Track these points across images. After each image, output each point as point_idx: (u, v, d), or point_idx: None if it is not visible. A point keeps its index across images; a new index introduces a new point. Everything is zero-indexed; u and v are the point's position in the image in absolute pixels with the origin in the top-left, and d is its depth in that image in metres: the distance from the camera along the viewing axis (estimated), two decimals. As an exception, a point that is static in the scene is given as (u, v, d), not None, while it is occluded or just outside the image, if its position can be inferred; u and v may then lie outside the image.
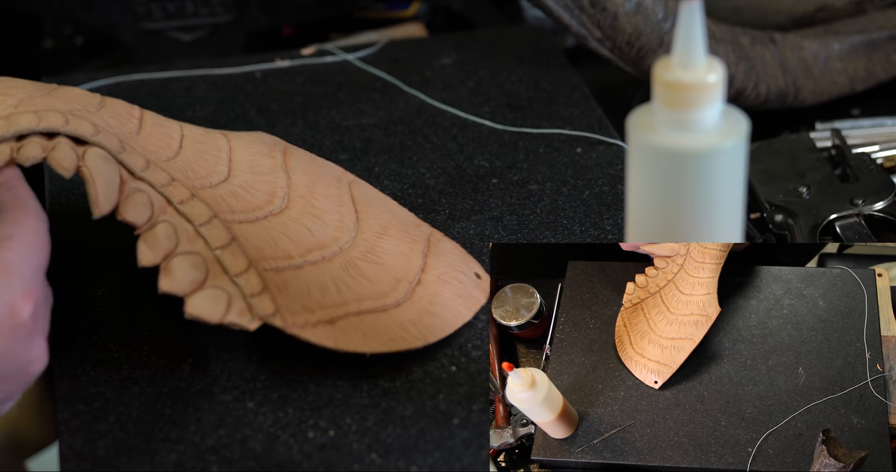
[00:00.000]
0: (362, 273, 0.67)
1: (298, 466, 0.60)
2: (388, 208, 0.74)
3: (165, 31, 1.11)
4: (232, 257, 0.64)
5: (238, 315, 0.63)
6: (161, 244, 0.63)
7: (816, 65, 0.91)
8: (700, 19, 0.52)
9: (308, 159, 0.74)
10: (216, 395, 0.65)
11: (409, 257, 0.70)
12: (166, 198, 0.65)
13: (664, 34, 0.87)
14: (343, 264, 0.67)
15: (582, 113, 0.89)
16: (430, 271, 0.69)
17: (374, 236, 0.70)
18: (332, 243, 0.68)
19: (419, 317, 0.66)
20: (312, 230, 0.68)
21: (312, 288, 0.65)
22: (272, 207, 0.68)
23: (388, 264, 0.68)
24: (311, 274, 0.66)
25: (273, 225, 0.68)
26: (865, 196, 0.79)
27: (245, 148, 0.72)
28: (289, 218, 0.68)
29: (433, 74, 0.96)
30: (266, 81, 0.96)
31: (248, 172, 0.70)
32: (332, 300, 0.65)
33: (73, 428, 0.63)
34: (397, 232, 0.71)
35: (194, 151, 0.70)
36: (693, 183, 0.54)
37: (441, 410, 0.63)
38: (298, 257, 0.67)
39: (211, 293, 0.63)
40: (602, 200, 0.79)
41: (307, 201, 0.70)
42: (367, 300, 0.66)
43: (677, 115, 0.53)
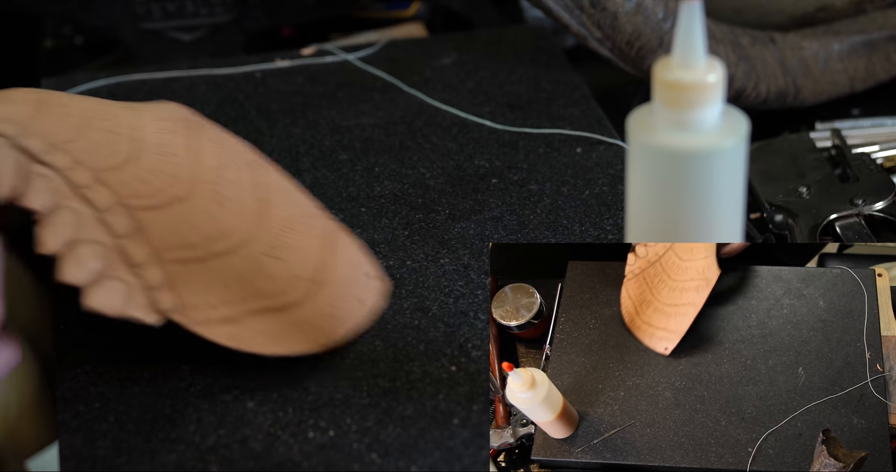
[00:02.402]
0: (265, 269, 0.65)
1: (298, 466, 0.60)
2: (292, 197, 0.71)
3: (165, 31, 1.11)
4: (135, 247, 0.62)
5: (137, 308, 0.61)
6: (63, 231, 0.61)
7: (816, 65, 0.91)
8: (700, 19, 0.52)
9: (218, 138, 0.71)
10: (216, 395, 0.65)
11: (310, 254, 0.67)
12: (69, 182, 0.63)
13: (664, 34, 0.87)
14: (246, 258, 0.65)
15: (582, 113, 0.89)
16: (329, 269, 0.67)
17: (279, 230, 0.67)
18: (234, 234, 0.66)
19: (318, 319, 0.65)
20: (217, 220, 0.66)
21: (215, 282, 0.64)
22: (178, 193, 0.66)
23: (289, 260, 0.66)
24: (214, 267, 0.65)
25: (178, 213, 0.65)
26: (865, 196, 0.78)
27: (152, 125, 0.69)
28: (194, 205, 0.66)
29: (433, 74, 0.96)
30: (266, 81, 0.96)
31: (155, 153, 0.67)
32: (234, 296, 0.64)
33: (73, 428, 0.63)
34: (301, 225, 0.69)
35: (99, 130, 0.67)
36: (693, 183, 0.54)
37: (441, 410, 0.63)
38: (202, 247, 0.65)
39: (111, 285, 0.61)
40: (602, 200, 0.79)
41: (213, 187, 0.67)
42: (269, 298, 0.65)
43: (677, 115, 0.53)
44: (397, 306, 0.70)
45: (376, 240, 0.76)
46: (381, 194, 0.81)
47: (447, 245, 0.75)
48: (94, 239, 0.62)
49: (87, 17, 1.12)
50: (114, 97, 0.92)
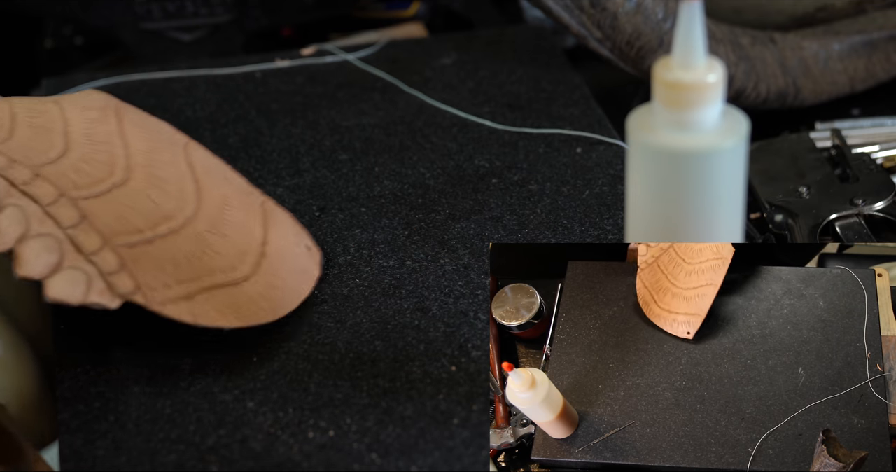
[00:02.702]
0: (211, 246, 0.67)
1: (298, 466, 0.60)
2: (223, 174, 0.73)
3: (165, 31, 1.11)
4: (85, 236, 0.63)
5: (99, 295, 0.62)
6: (12, 229, 0.62)
7: (816, 65, 0.91)
8: (700, 19, 0.52)
9: (142, 120, 0.73)
10: (216, 395, 0.65)
11: (250, 229, 0.70)
12: (9, 181, 0.64)
13: (664, 34, 0.87)
14: (191, 237, 0.67)
15: (582, 113, 0.89)
16: (270, 242, 0.70)
17: (217, 208, 0.70)
18: (177, 214, 0.68)
19: (267, 291, 0.67)
20: (157, 202, 0.68)
21: (166, 263, 0.65)
22: (115, 179, 0.68)
23: (232, 236, 0.69)
24: (162, 248, 0.66)
25: (118, 198, 0.67)
26: (865, 196, 0.78)
27: (79, 116, 0.71)
28: (133, 190, 0.68)
29: (433, 74, 0.96)
30: (266, 81, 0.96)
31: (86, 143, 0.69)
32: (186, 275, 0.65)
33: (73, 428, 0.63)
34: (237, 202, 0.71)
35: (28, 127, 0.68)
36: (693, 183, 0.54)
37: (441, 410, 0.63)
38: (148, 230, 0.66)
39: (69, 275, 0.62)
40: (602, 200, 0.79)
41: (148, 171, 0.69)
42: (219, 274, 0.67)
43: (677, 115, 0.53)
44: (397, 306, 0.70)
45: (376, 240, 0.76)
46: (381, 194, 0.81)
47: (447, 245, 0.75)
48: (44, 232, 0.63)
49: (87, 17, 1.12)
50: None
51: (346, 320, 0.69)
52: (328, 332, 0.69)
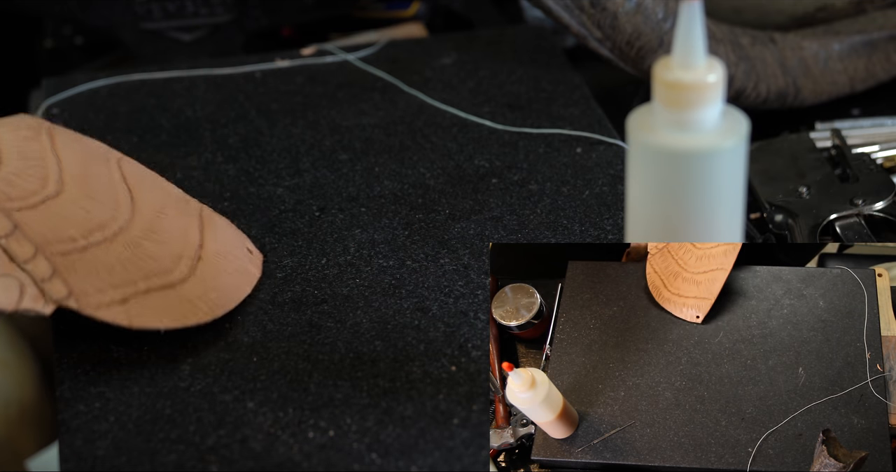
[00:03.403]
0: (146, 252, 0.69)
1: (298, 466, 0.60)
2: (158, 185, 0.76)
3: (165, 31, 1.11)
4: (17, 245, 0.65)
5: (32, 301, 0.64)
6: None
7: (816, 65, 0.91)
8: (700, 19, 0.52)
9: (74, 139, 0.75)
10: (216, 395, 0.65)
11: (186, 233, 0.72)
12: None
13: (664, 34, 0.87)
14: (125, 243, 0.69)
15: (582, 113, 0.89)
16: (207, 246, 0.71)
17: (152, 215, 0.72)
18: (111, 223, 0.69)
19: (204, 292, 0.69)
20: (90, 211, 0.69)
21: (100, 269, 0.67)
22: (48, 192, 0.69)
23: (168, 242, 0.70)
24: (96, 255, 0.67)
25: (52, 209, 0.68)
26: (865, 196, 0.79)
27: (10, 134, 0.73)
28: (66, 200, 0.69)
29: (433, 74, 0.96)
30: (266, 81, 0.96)
31: (19, 159, 0.71)
32: (121, 279, 0.67)
33: (73, 428, 0.63)
34: (172, 210, 0.73)
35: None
36: (693, 183, 0.54)
37: (441, 410, 0.63)
38: (81, 238, 0.68)
39: (2, 282, 0.63)
40: (602, 200, 0.79)
41: (81, 183, 0.71)
42: (154, 277, 0.68)
43: (677, 115, 0.53)
44: (397, 306, 0.70)
45: (376, 240, 0.76)
46: (381, 194, 0.81)
47: (447, 245, 0.75)
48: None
49: (87, 17, 1.12)
50: (114, 97, 0.93)
51: (346, 320, 0.69)
52: (328, 332, 0.69)
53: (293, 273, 0.73)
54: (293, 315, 0.70)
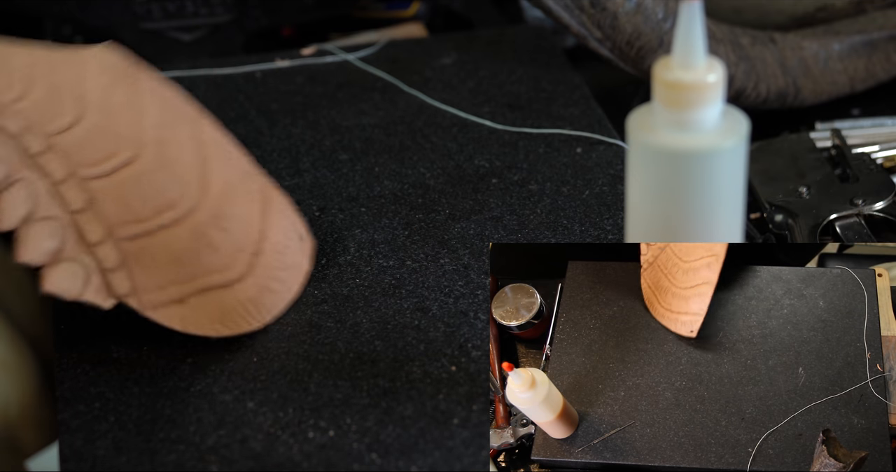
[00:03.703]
0: (210, 242, 0.63)
1: (298, 466, 0.60)
2: (231, 156, 0.68)
3: (165, 31, 1.11)
4: (90, 225, 0.60)
5: (95, 293, 0.60)
6: (18, 207, 0.58)
7: (816, 65, 0.91)
8: (700, 19, 0.52)
9: (157, 88, 0.68)
10: (216, 395, 0.65)
11: (249, 222, 0.65)
12: (22, 150, 0.59)
13: (664, 34, 0.87)
14: (192, 229, 0.63)
15: (582, 113, 0.89)
16: (268, 238, 0.65)
17: (220, 197, 0.65)
18: (180, 203, 0.63)
19: (259, 294, 0.64)
20: (162, 187, 0.63)
21: (165, 260, 0.62)
22: (123, 157, 0.63)
23: (232, 230, 0.64)
24: (163, 241, 0.62)
25: (125, 180, 0.62)
26: (865, 196, 0.79)
27: (97, 78, 0.65)
28: (139, 171, 0.63)
29: (433, 74, 0.96)
30: (266, 81, 0.96)
31: (101, 112, 0.63)
32: (183, 275, 0.62)
33: (73, 428, 0.63)
34: (240, 189, 0.66)
35: (43, 86, 0.63)
36: (693, 183, 0.54)
37: (441, 410, 0.63)
38: (151, 219, 0.62)
39: (69, 268, 0.59)
40: (602, 200, 0.79)
41: (158, 149, 0.64)
42: (214, 274, 0.63)
43: (677, 115, 0.53)
44: (397, 306, 0.70)
45: (376, 240, 0.76)
46: (381, 194, 0.81)
47: (447, 245, 0.75)
48: (49, 215, 0.59)
49: (86, 17, 1.12)
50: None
51: (346, 320, 0.69)
52: (328, 332, 0.69)
53: (293, 273, 0.73)
54: (293, 315, 0.70)
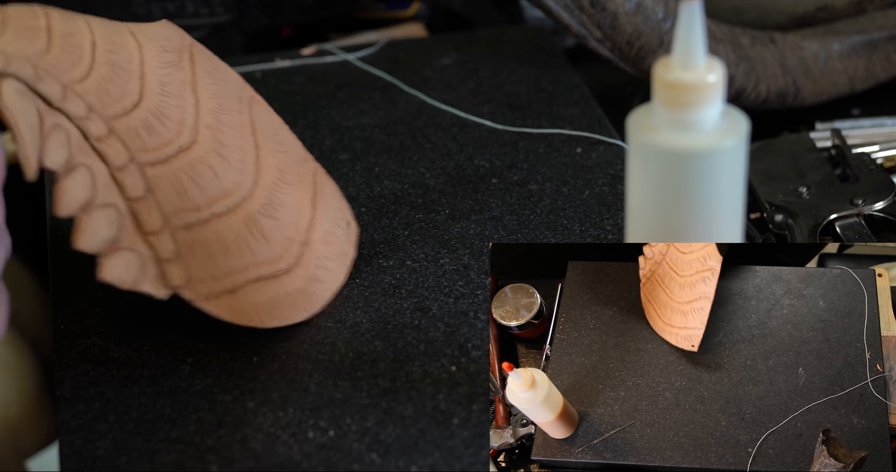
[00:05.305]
0: (262, 231, 0.62)
1: (298, 466, 0.60)
2: (283, 141, 0.67)
3: (165, 31, 1.11)
4: (147, 213, 0.59)
5: (151, 284, 0.59)
6: (78, 194, 0.57)
7: (816, 65, 0.91)
8: (700, 19, 0.52)
9: (213, 68, 0.65)
10: (216, 395, 0.65)
11: (300, 210, 0.64)
12: (85, 133, 0.57)
13: (664, 34, 0.87)
14: (244, 219, 0.62)
15: (582, 113, 0.89)
16: (317, 227, 0.64)
17: (273, 183, 0.64)
18: (235, 191, 0.62)
19: (307, 285, 0.63)
20: (218, 174, 0.62)
21: (217, 250, 0.61)
22: (181, 142, 0.61)
23: (283, 219, 0.63)
24: (216, 231, 0.61)
25: (182, 167, 0.61)
26: (865, 196, 0.78)
27: (156, 57, 0.63)
28: (196, 157, 0.61)
29: (433, 74, 0.96)
30: (266, 81, 0.96)
31: (160, 93, 0.62)
32: (235, 265, 0.62)
33: (73, 428, 0.63)
34: (292, 175, 0.65)
35: (107, 65, 0.61)
36: (693, 183, 0.54)
37: (441, 410, 0.63)
38: (205, 208, 0.61)
39: (126, 258, 0.58)
40: (602, 200, 0.79)
41: (214, 134, 0.63)
42: (264, 265, 0.62)
43: (677, 115, 0.53)
44: (397, 306, 0.70)
45: (376, 240, 0.76)
46: (381, 194, 0.81)
47: (447, 245, 0.75)
48: (108, 202, 0.58)
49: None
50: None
51: (346, 320, 0.69)
52: (328, 332, 0.69)
53: (293, 273, 0.73)
54: (293, 315, 0.70)
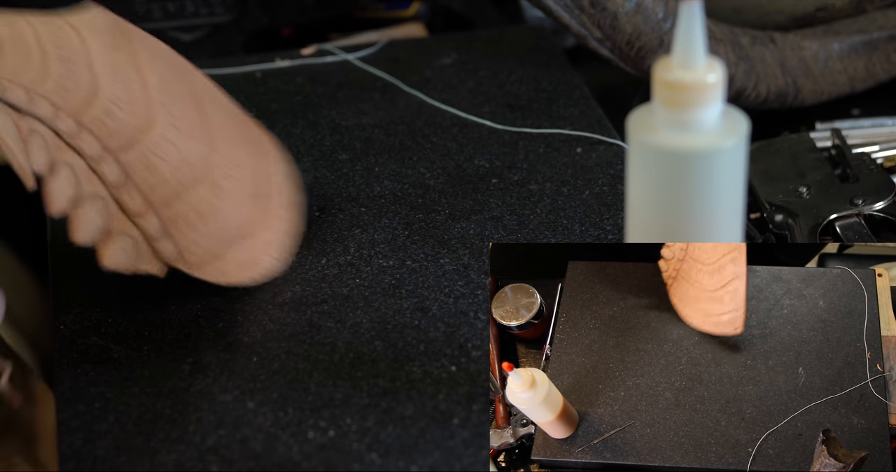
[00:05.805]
0: (227, 194, 0.63)
1: (298, 466, 0.60)
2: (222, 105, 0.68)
3: (165, 31, 1.11)
4: (129, 197, 0.60)
5: (148, 262, 0.61)
6: (66, 191, 0.58)
7: (816, 65, 0.91)
8: (700, 19, 0.52)
9: (150, 45, 0.66)
10: (216, 395, 0.65)
11: (257, 170, 0.66)
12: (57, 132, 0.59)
13: (664, 34, 0.87)
14: (210, 186, 0.63)
15: (582, 113, 0.89)
16: (273, 181, 0.65)
17: (226, 147, 0.65)
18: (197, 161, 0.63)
19: (273, 236, 0.65)
20: (178, 146, 0.62)
21: (195, 218, 0.62)
22: (140, 123, 0.62)
23: (242, 179, 0.65)
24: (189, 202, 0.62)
25: (147, 146, 0.61)
26: (865, 196, 0.78)
27: (98, 46, 0.63)
28: (157, 135, 0.62)
29: (433, 74, 0.96)
30: (266, 81, 0.96)
31: (111, 79, 0.62)
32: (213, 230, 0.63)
33: (73, 428, 0.63)
34: (239, 138, 0.66)
35: (57, 61, 0.61)
36: (693, 183, 0.54)
37: (441, 410, 0.63)
38: (174, 180, 0.62)
39: (121, 242, 0.60)
40: (602, 200, 0.79)
41: (167, 110, 0.63)
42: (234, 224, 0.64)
43: (677, 115, 0.53)
44: (397, 306, 0.70)
45: (376, 240, 0.76)
46: (381, 194, 0.81)
47: (447, 245, 0.75)
48: (93, 193, 0.59)
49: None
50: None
51: (346, 320, 0.69)
52: (328, 332, 0.69)
53: (293, 273, 0.73)
54: (293, 315, 0.70)
